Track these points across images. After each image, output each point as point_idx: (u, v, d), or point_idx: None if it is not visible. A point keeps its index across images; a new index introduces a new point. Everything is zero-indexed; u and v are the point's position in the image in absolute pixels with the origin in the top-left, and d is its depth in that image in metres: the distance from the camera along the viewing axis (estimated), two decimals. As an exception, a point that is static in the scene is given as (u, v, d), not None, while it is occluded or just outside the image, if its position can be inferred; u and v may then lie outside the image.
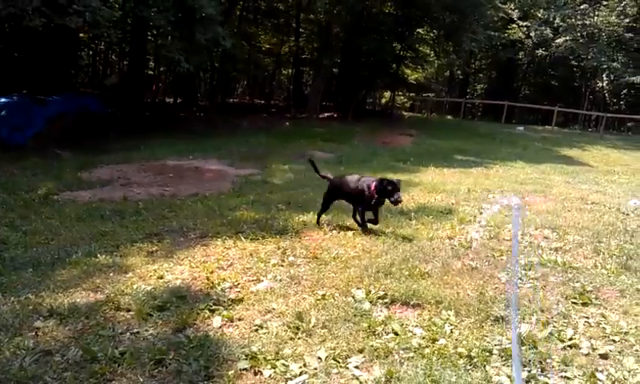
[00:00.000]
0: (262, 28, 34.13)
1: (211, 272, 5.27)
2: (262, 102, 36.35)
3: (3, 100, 16.45)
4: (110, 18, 15.50)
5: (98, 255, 5.97)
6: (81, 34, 22.30)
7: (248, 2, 29.13)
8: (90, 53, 32.60)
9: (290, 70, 39.11)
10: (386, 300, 4.58)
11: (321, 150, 16.42)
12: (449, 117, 38.29)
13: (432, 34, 32.59)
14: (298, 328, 4.07)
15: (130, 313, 4.40)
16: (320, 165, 13.18)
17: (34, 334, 4.08)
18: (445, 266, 5.43)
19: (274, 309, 4.42)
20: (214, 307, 4.45)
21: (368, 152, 16.51)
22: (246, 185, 10.75)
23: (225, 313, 4.36)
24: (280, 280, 5.04)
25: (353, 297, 4.61)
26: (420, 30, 32.07)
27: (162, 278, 5.23)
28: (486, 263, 5.57)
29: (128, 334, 4.07)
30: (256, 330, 4.08)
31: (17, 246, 6.60)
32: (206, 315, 4.33)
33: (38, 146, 15.36)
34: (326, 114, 30.58)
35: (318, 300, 4.57)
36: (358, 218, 6.80)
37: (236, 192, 10.00)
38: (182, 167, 12.80)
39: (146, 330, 4.11)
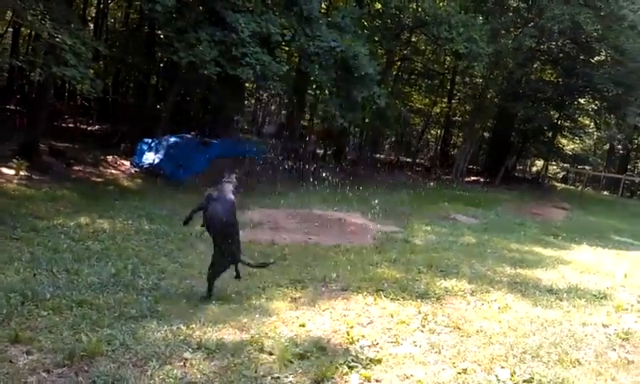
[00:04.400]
0: (416, 88, 34.51)
1: (351, 327, 5.33)
2: (408, 159, 36.47)
3: (173, 139, 18.04)
4: (278, 71, 16.55)
5: (246, 295, 6.28)
6: (247, 84, 23.99)
7: (405, 63, 29.70)
8: (253, 101, 34.89)
9: (439, 131, 38.97)
10: (532, 384, 4.35)
11: (464, 214, 16.07)
12: (605, 192, 35.74)
13: (594, 106, 31.16)
14: (436, 400, 3.99)
15: (273, 357, 4.56)
16: (463, 230, 13.08)
17: (182, 364, 4.35)
18: (598, 355, 5.05)
19: (412, 375, 4.36)
20: (352, 364, 4.49)
21: (515, 222, 15.84)
22: (387, 242, 10.77)
23: (363, 371, 4.38)
24: (420, 346, 4.97)
25: (496, 375, 4.43)
26: (581, 100, 30.77)
27: (303, 325, 5.38)
28: (646, 359, 5.09)
29: (269, 378, 4.22)
30: (393, 395, 4.06)
31: (173, 276, 7.14)
32: (345, 371, 4.37)
33: (198, 183, 16.57)
34: (472, 178, 30.01)
35: (459, 373, 4.44)
36: None
37: (377, 248, 10.06)
38: (326, 217, 13.13)
39: (286, 377, 4.24)
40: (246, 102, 31.68)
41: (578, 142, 38.48)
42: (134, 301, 5.79)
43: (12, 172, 14.12)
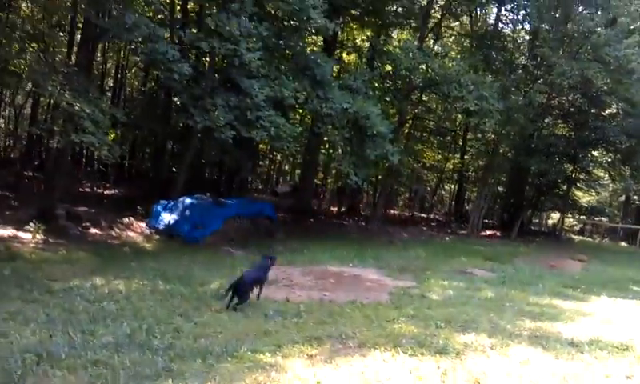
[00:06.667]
0: (428, 145, 34.79)
1: (369, 384, 5.25)
2: (423, 215, 36.37)
3: (188, 200, 18.20)
4: (292, 133, 16.86)
5: (262, 353, 6.20)
6: (261, 145, 24.38)
7: (417, 121, 30.09)
8: (267, 162, 35.36)
9: (453, 186, 39.01)
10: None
11: (481, 268, 15.88)
12: (623, 244, 35.27)
13: (607, 158, 31.26)
14: None
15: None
16: (481, 284, 12.88)
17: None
18: (624, 409, 4.91)
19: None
20: (370, 421, 4.40)
21: (533, 275, 15.60)
22: (403, 297, 10.63)
23: (382, 428, 4.28)
24: (440, 402, 4.87)
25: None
26: (595, 153, 30.88)
27: (320, 383, 5.29)
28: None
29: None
30: None
31: (188, 336, 7.07)
32: (363, 428, 4.28)
33: (213, 243, 16.65)
34: (487, 232, 29.79)
35: (481, 429, 4.33)
36: None
37: (394, 304, 9.93)
38: (341, 274, 13.06)
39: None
40: (260, 163, 32.15)
41: (593, 194, 38.31)
42: (148, 360, 5.74)
43: (29, 236, 14.29)
